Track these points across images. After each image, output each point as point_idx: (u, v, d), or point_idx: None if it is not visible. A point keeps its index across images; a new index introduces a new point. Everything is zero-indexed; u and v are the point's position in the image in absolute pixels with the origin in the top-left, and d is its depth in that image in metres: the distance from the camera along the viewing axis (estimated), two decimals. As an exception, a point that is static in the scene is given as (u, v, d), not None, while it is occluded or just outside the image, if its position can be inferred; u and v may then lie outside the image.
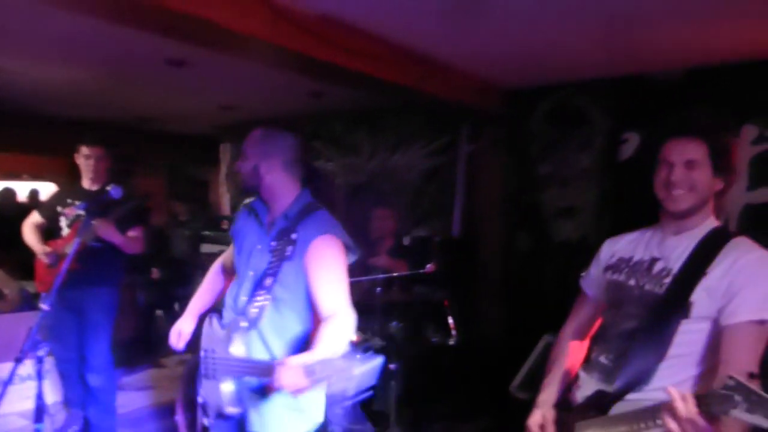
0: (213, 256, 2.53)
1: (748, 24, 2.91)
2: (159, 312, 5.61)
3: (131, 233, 3.24)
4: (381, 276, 3.62)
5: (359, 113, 5.25)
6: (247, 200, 2.11)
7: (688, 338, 1.54)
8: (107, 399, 3.37)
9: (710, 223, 1.63)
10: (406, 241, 4.71)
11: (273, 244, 1.91)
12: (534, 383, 3.56)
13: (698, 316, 1.52)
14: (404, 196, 5.03)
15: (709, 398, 1.14)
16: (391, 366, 3.62)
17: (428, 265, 3.56)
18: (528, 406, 3.78)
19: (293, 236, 1.86)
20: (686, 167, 1.55)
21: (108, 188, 2.85)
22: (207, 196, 7.20)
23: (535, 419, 1.76)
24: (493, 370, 4.19)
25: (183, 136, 7.00)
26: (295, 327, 1.92)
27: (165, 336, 2.28)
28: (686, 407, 1.19)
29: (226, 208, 6.50)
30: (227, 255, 2.27)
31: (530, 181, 4.32)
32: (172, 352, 2.34)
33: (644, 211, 1.82)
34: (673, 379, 1.54)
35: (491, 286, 4.48)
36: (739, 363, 1.40)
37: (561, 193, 4.19)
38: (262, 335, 1.91)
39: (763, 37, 3.06)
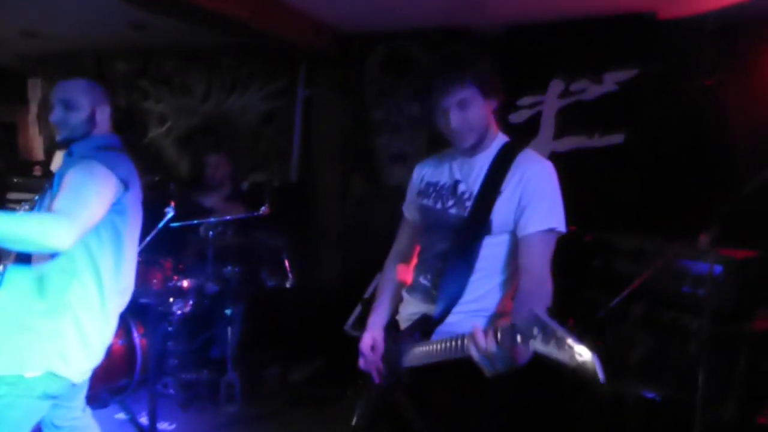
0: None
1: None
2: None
3: None
4: (213, 220, 3.52)
5: (192, 51, 4.92)
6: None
7: (492, 251, 1.71)
8: None
9: (500, 139, 1.79)
10: (243, 186, 4.60)
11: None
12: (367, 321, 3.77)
13: (498, 231, 1.70)
14: (240, 140, 4.87)
15: (513, 329, 1.27)
16: (227, 311, 3.59)
17: (263, 208, 3.53)
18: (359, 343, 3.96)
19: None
20: (460, 109, 1.66)
21: None
22: (14, 139, 6.33)
23: (366, 341, 1.85)
24: (329, 311, 4.33)
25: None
26: None
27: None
28: (486, 341, 1.34)
29: (38, 152, 5.78)
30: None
31: (365, 126, 4.41)
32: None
33: None
34: (481, 290, 1.73)
35: (327, 229, 4.56)
36: (535, 269, 1.62)
37: (394, 139, 4.34)
38: None
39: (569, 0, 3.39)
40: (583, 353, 1.09)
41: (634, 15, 3.53)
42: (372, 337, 1.87)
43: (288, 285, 3.79)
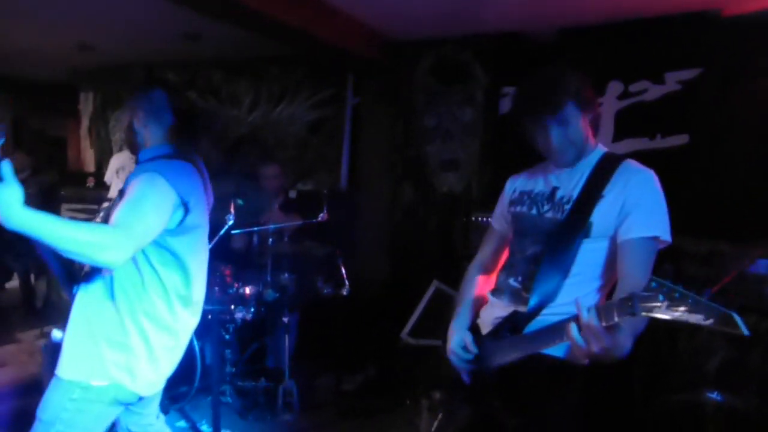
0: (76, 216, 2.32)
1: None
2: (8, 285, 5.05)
3: None
4: (272, 227, 3.52)
5: (240, 62, 4.98)
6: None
7: (589, 256, 1.68)
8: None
9: (599, 150, 1.78)
10: (292, 194, 4.61)
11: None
12: (424, 329, 3.73)
13: (598, 235, 1.66)
14: (288, 149, 4.89)
15: (633, 300, 1.23)
16: (285, 319, 3.57)
17: (321, 215, 3.51)
18: (416, 351, 3.92)
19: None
20: (559, 126, 1.67)
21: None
22: (64, 152, 6.48)
23: (456, 341, 1.82)
24: (380, 320, 4.29)
25: (33, 82, 6.19)
26: None
27: (16, 308, 2.04)
28: (589, 316, 1.30)
29: (90, 165, 5.89)
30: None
31: (415, 133, 4.39)
32: (29, 326, 2.11)
33: (522, 161, 1.95)
34: (577, 293, 1.67)
35: (378, 237, 4.53)
36: (636, 273, 1.56)
37: (445, 146, 4.30)
38: None
39: (625, 1, 3.33)
40: (722, 311, 1.11)
41: (697, 12, 3.44)
42: (461, 337, 1.83)
43: (344, 293, 3.75)
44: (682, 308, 1.16)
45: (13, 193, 1.43)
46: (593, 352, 1.34)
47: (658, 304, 1.19)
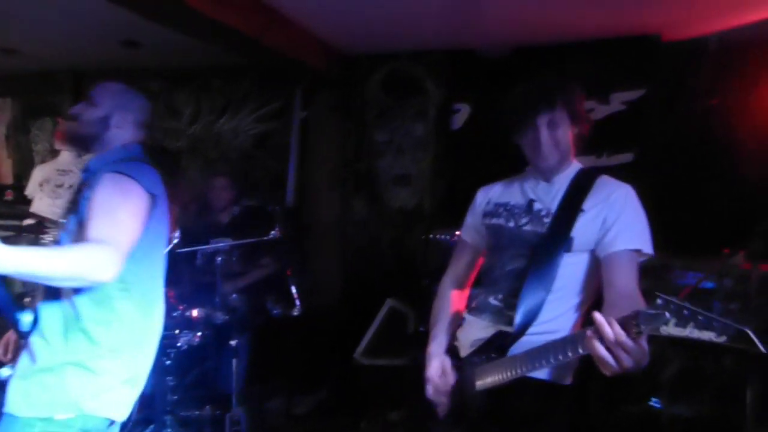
0: None
1: (566, 8, 3.23)
2: None
3: None
4: (222, 244, 3.33)
5: (180, 71, 4.75)
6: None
7: (570, 271, 1.67)
8: None
9: (575, 166, 1.80)
10: (235, 211, 4.42)
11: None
12: (379, 348, 3.64)
13: (578, 249, 1.66)
14: (232, 163, 4.70)
15: (639, 319, 1.20)
16: (232, 342, 3.38)
17: (273, 232, 3.37)
18: (370, 372, 3.81)
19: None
20: (549, 128, 1.70)
21: None
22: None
23: (434, 368, 1.75)
24: (331, 340, 4.17)
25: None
26: None
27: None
28: (613, 331, 1.24)
29: (8, 175, 5.41)
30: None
31: (366, 148, 4.33)
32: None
33: (474, 177, 1.94)
34: (558, 310, 1.67)
35: (328, 255, 4.41)
36: (622, 285, 1.56)
37: (396, 161, 4.26)
38: None
39: (578, 21, 3.43)
40: (735, 327, 1.11)
41: (638, 37, 3.60)
42: (440, 363, 1.76)
43: (295, 313, 3.61)
44: (691, 325, 1.15)
45: None
46: (625, 367, 1.26)
47: (665, 321, 1.16)
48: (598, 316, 1.26)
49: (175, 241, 3.04)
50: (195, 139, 4.82)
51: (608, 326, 1.24)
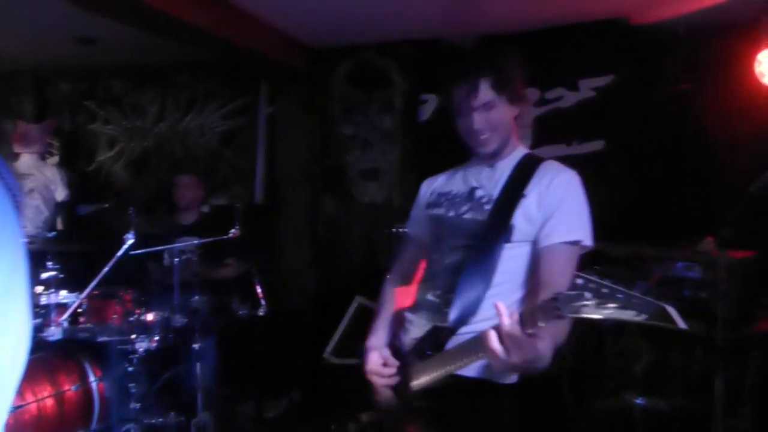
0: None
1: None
2: None
3: None
4: (179, 245, 3.23)
5: (144, 69, 4.63)
6: None
7: (511, 263, 1.56)
8: None
9: (520, 150, 1.70)
10: (204, 209, 4.31)
11: None
12: (349, 347, 3.54)
13: (519, 239, 1.55)
14: (199, 161, 4.58)
15: (558, 301, 1.11)
16: (195, 345, 3.28)
17: (232, 230, 3.26)
18: (341, 371, 3.71)
19: None
20: (483, 110, 1.58)
21: None
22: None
23: (374, 361, 1.66)
24: (302, 340, 4.07)
25: None
26: None
27: None
28: (510, 321, 1.19)
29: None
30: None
31: (334, 143, 4.22)
32: None
33: (444, 169, 1.85)
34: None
35: (298, 252, 4.31)
36: (556, 282, 1.44)
37: (364, 155, 4.16)
38: None
39: (545, 6, 3.34)
40: (655, 304, 1.04)
41: (606, 21, 3.51)
42: (378, 354, 1.67)
43: (261, 313, 3.50)
44: (612, 305, 1.06)
45: None
46: (515, 364, 1.21)
47: (586, 302, 1.08)
48: (499, 304, 1.23)
49: (130, 242, 2.93)
50: (161, 137, 4.71)
51: (507, 316, 1.20)
